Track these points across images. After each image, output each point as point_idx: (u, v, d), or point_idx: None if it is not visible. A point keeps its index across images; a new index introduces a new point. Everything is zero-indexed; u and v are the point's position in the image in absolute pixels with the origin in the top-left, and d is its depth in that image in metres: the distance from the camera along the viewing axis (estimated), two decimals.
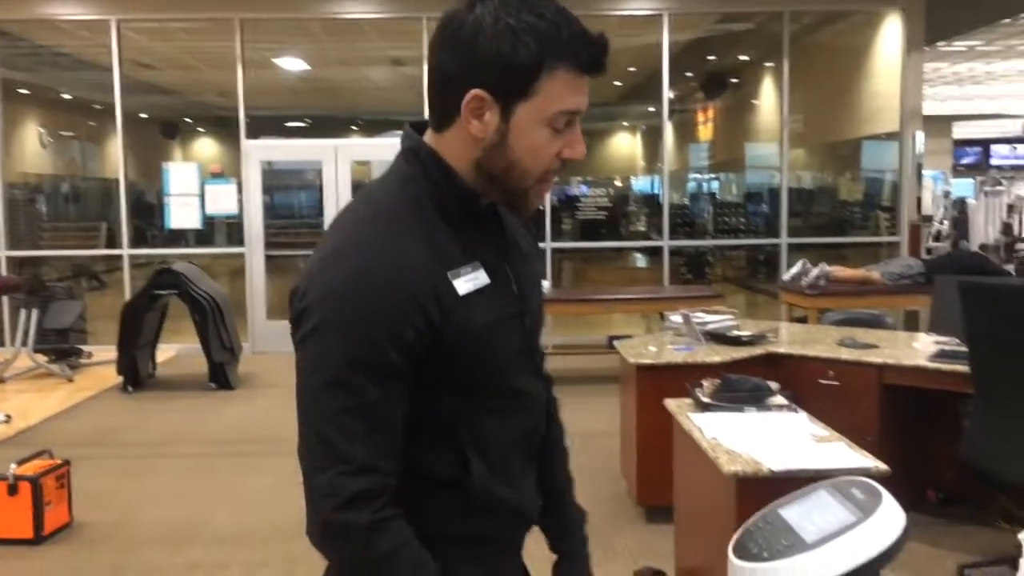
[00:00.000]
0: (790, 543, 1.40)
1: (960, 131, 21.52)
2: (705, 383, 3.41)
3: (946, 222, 13.82)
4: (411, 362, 1.22)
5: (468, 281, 1.27)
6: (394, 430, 1.23)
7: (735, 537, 1.47)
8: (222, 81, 9.67)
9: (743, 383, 3.29)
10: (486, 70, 1.22)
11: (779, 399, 3.34)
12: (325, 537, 1.24)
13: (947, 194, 15.10)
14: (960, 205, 14.21)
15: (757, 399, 3.26)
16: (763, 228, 11.66)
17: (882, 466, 2.68)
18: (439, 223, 1.29)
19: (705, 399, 3.30)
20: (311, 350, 1.22)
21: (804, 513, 1.47)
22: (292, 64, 12.25)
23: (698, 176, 17.61)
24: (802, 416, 3.18)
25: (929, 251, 10.88)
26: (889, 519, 1.38)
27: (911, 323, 8.37)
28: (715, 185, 17.44)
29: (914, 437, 4.51)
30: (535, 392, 1.44)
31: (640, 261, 12.38)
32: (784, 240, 9.70)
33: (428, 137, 1.33)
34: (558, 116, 1.25)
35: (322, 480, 1.20)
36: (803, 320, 7.48)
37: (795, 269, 7.87)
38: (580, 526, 1.65)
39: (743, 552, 1.43)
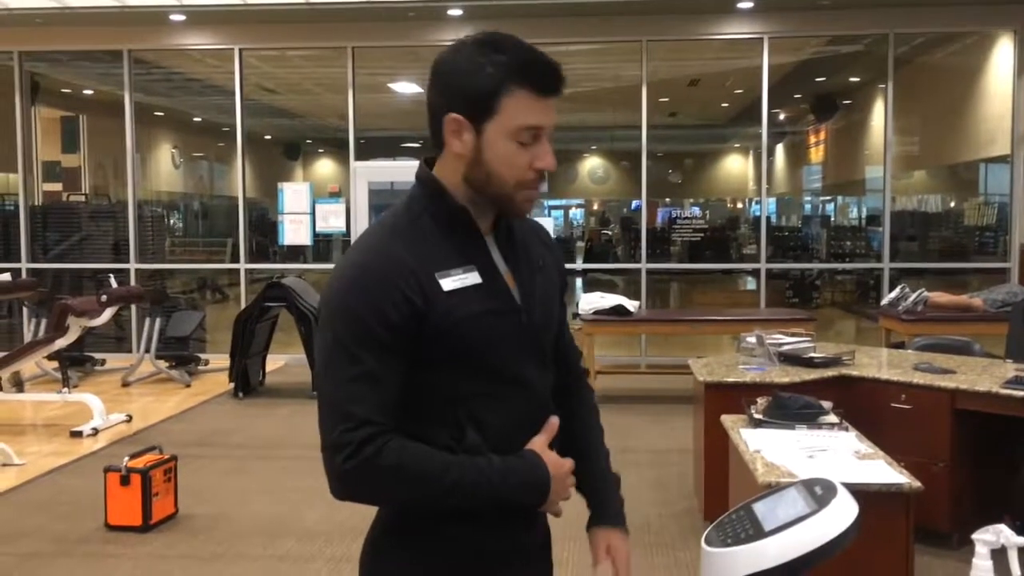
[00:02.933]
0: (751, 531, 1.55)
1: None
2: (759, 401, 3.52)
3: None
4: (401, 339, 1.45)
5: (456, 280, 1.50)
6: (389, 393, 1.46)
7: (709, 527, 1.62)
8: (340, 105, 10.17)
9: (794, 401, 3.39)
10: (459, 98, 1.48)
11: (831, 417, 3.42)
12: (345, 484, 1.45)
13: None
14: None
15: (808, 417, 3.35)
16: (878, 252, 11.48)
17: (915, 483, 2.74)
18: (435, 234, 1.53)
19: (758, 416, 3.41)
20: (324, 332, 1.49)
21: (771, 506, 1.61)
22: (406, 88, 12.73)
23: (810, 199, 17.37)
24: (851, 435, 3.25)
25: None
26: (840, 512, 1.51)
27: None
28: (829, 208, 17.17)
29: (991, 464, 4.46)
30: (536, 382, 1.61)
31: (748, 284, 12.34)
32: (886, 265, 9.54)
33: (435, 166, 1.59)
34: (520, 131, 1.48)
35: (332, 438, 1.44)
36: (900, 346, 7.37)
37: (894, 294, 7.78)
38: (615, 488, 1.78)
39: (711, 540, 1.58)
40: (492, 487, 1.47)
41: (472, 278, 1.52)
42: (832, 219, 16.62)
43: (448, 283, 1.49)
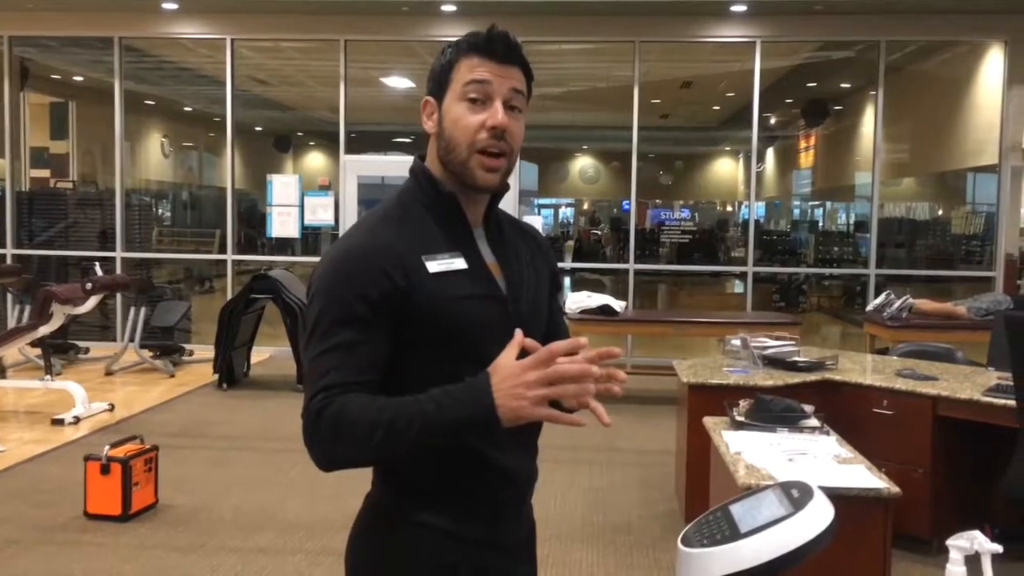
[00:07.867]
0: (727, 533, 1.55)
1: None
2: (741, 403, 3.53)
3: None
4: (382, 315, 1.47)
5: (441, 263, 1.52)
6: (363, 364, 1.46)
7: (687, 528, 1.63)
8: (331, 98, 10.15)
9: (776, 404, 3.40)
10: (429, 82, 1.61)
11: (812, 421, 3.43)
12: (310, 449, 1.46)
13: None
14: None
15: (789, 420, 3.36)
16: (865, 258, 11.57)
17: (894, 488, 2.75)
18: (424, 221, 1.56)
19: (739, 418, 3.42)
20: (308, 310, 1.53)
21: (748, 508, 1.61)
22: (399, 82, 12.72)
23: (798, 203, 17.43)
24: (831, 439, 3.26)
25: None
26: (816, 515, 1.52)
27: None
28: (817, 213, 17.26)
29: (972, 472, 4.48)
30: None
31: (735, 287, 12.38)
32: (873, 271, 9.58)
33: (426, 159, 1.64)
34: (467, 88, 1.54)
35: (303, 409, 1.46)
36: (884, 352, 7.41)
37: (879, 300, 7.82)
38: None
39: (688, 541, 1.59)
40: (432, 407, 1.40)
41: (458, 263, 1.54)
42: (820, 224, 16.72)
43: (434, 266, 1.52)
